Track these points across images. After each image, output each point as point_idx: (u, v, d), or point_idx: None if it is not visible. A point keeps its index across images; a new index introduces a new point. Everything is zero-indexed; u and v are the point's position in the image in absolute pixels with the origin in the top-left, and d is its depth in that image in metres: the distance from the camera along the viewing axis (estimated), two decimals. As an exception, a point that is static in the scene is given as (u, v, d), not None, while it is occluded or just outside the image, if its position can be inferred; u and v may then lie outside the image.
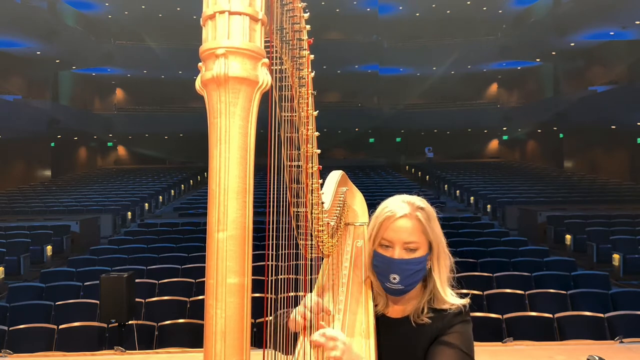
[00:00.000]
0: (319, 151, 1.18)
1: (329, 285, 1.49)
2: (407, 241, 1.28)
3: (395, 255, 1.28)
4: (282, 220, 1.14)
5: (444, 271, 1.32)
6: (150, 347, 4.49)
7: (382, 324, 1.35)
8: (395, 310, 1.38)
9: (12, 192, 18.10)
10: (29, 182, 20.60)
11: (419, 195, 1.38)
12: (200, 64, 0.79)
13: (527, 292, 5.53)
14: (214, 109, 0.78)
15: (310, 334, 1.28)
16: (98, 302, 5.07)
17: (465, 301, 1.32)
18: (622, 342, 3.79)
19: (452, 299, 1.32)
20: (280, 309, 1.22)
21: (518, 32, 22.61)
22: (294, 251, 1.20)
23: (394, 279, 1.28)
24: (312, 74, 1.12)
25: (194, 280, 6.22)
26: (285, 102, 1.07)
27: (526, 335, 4.33)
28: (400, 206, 1.32)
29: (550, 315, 4.64)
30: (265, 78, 0.80)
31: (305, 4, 1.05)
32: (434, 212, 1.34)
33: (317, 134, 1.17)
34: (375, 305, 1.39)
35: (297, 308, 1.29)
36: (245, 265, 0.78)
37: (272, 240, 1.12)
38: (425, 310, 1.31)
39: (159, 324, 4.64)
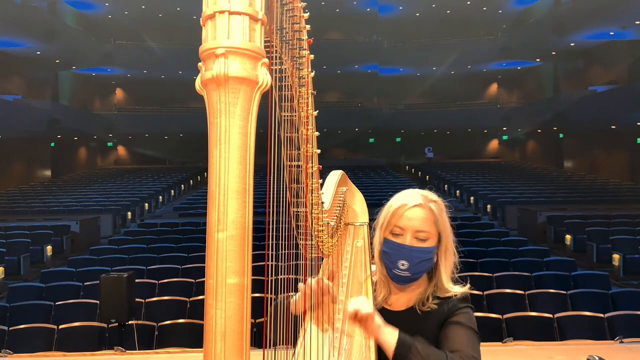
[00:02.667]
0: (318, 151, 1.18)
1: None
2: (418, 229, 1.32)
3: (407, 242, 1.32)
4: (282, 220, 1.15)
5: (449, 265, 1.37)
6: (150, 347, 4.48)
7: (383, 316, 1.35)
8: (400, 302, 1.40)
9: (12, 192, 18.08)
10: (29, 182, 20.59)
11: (430, 190, 1.42)
12: (200, 63, 0.79)
13: (527, 292, 5.52)
14: (214, 108, 0.78)
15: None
16: (98, 302, 5.07)
17: (467, 288, 1.38)
18: (622, 342, 3.78)
19: (455, 289, 1.37)
20: (282, 294, 1.23)
21: (518, 32, 22.59)
22: (294, 251, 1.20)
23: (402, 265, 1.31)
24: (312, 73, 1.12)
25: (194, 280, 6.22)
26: (285, 102, 1.07)
27: (526, 335, 4.33)
28: (414, 197, 1.37)
29: (550, 315, 4.63)
30: (265, 78, 0.80)
31: (305, 3, 1.05)
32: (445, 208, 1.39)
33: (317, 133, 1.17)
34: (375, 298, 1.41)
35: (298, 293, 1.30)
36: (245, 265, 0.78)
37: (272, 240, 1.12)
38: (430, 299, 1.36)
39: (159, 324, 4.64)
